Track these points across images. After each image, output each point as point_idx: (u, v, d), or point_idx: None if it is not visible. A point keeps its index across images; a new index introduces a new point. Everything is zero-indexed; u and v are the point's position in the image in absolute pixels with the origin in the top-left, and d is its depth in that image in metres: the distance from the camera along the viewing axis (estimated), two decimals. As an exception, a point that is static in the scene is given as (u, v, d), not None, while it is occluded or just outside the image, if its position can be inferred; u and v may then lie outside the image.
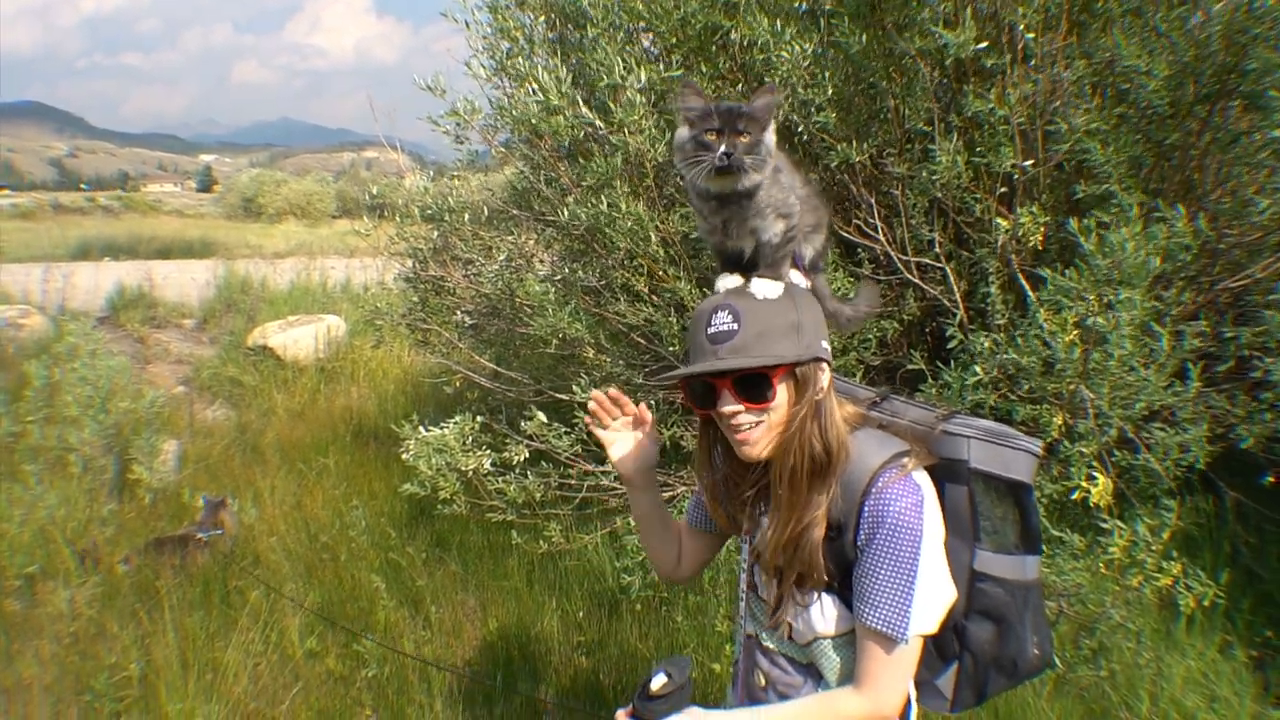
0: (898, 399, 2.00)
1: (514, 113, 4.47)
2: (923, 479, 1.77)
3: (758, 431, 1.80)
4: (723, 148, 1.69)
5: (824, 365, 1.82)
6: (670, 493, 4.70)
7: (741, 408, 1.78)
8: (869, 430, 1.87)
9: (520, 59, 4.68)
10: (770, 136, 1.75)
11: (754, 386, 1.76)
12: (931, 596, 1.73)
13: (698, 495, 2.21)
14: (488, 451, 4.85)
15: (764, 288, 1.79)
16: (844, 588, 1.81)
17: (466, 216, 5.52)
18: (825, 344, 1.83)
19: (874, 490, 1.73)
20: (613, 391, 2.12)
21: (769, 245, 1.80)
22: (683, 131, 1.77)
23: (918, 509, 1.71)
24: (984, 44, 3.83)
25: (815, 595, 1.83)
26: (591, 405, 2.12)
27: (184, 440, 8.47)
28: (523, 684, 4.49)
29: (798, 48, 4.03)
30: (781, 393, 1.78)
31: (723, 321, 1.76)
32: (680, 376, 1.82)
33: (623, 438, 2.12)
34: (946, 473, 1.82)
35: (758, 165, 1.73)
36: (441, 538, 6.01)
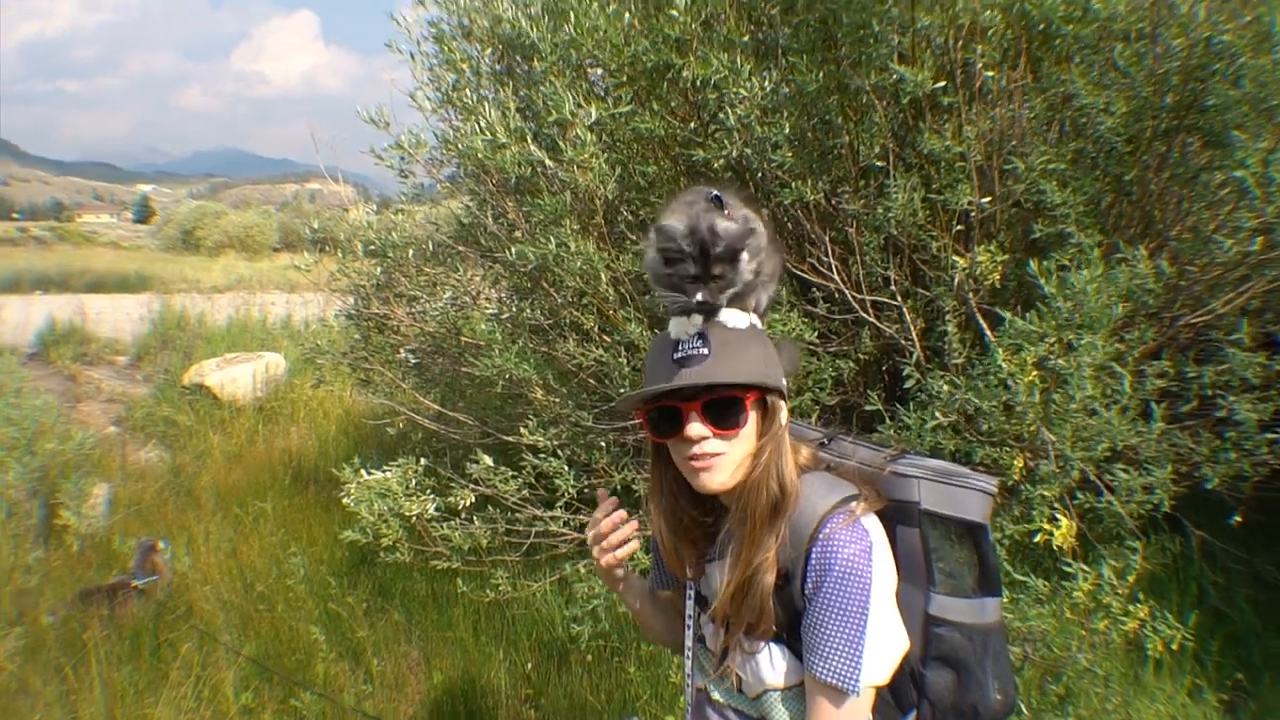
0: (845, 439, 1.99)
1: (459, 147, 4.45)
2: (872, 524, 1.77)
3: (720, 462, 1.78)
4: (700, 296, 1.71)
5: (782, 402, 1.83)
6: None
7: (709, 433, 1.76)
8: (817, 473, 1.86)
9: (467, 91, 4.68)
10: (745, 259, 1.73)
11: (725, 411, 1.76)
12: (883, 646, 1.73)
13: (654, 556, 2.20)
14: (432, 496, 4.81)
15: (734, 317, 1.78)
16: (793, 638, 1.79)
17: (411, 252, 5.49)
18: (784, 381, 1.83)
19: (821, 537, 1.73)
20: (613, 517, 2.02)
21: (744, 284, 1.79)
22: (654, 255, 1.76)
23: (866, 555, 1.71)
24: (941, 83, 3.87)
25: (763, 644, 1.82)
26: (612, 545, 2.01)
27: (115, 483, 8.31)
28: (469, 740, 4.44)
29: (756, 84, 4.05)
30: (751, 420, 1.78)
31: (692, 346, 1.75)
32: (651, 394, 1.79)
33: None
34: (897, 515, 1.82)
35: (737, 292, 1.74)
36: (384, 587, 5.94)
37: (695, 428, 1.77)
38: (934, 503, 1.81)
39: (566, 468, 4.53)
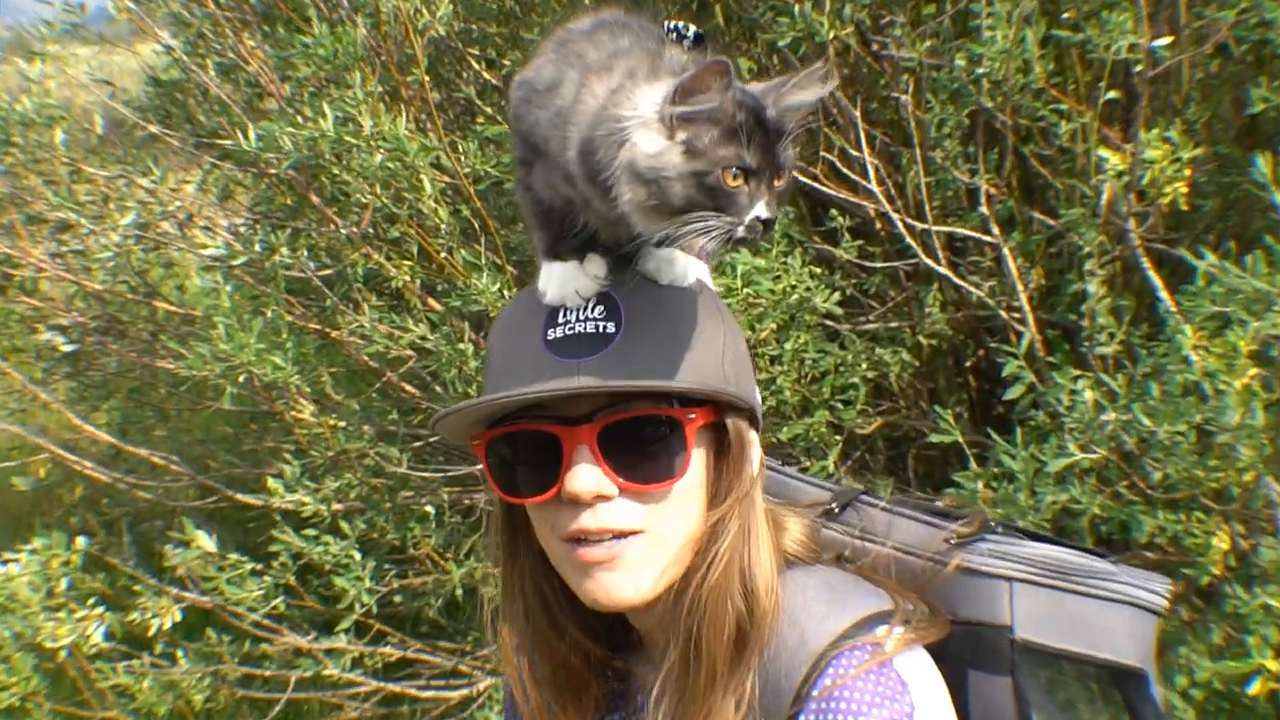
0: (874, 501, 1.96)
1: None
2: (916, 668, 1.67)
3: (635, 550, 1.69)
4: (760, 210, 1.55)
5: (753, 432, 1.79)
6: (464, 688, 4.61)
7: (613, 487, 1.66)
8: (816, 570, 1.83)
9: None
10: None
11: (645, 446, 1.69)
12: None
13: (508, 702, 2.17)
14: (101, 610, 4.62)
15: (677, 266, 1.73)
16: None
17: (60, 135, 5.30)
18: (756, 392, 1.81)
19: (817, 693, 1.63)
20: None
21: None
22: (652, 139, 1.54)
23: None
24: None
25: None
26: None
27: None
28: None
29: None
30: (695, 465, 1.71)
31: (585, 317, 1.68)
32: (501, 406, 1.69)
33: None
34: (970, 651, 1.76)
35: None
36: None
37: (586, 474, 1.65)
38: (1041, 628, 1.73)
39: (358, 555, 4.35)
